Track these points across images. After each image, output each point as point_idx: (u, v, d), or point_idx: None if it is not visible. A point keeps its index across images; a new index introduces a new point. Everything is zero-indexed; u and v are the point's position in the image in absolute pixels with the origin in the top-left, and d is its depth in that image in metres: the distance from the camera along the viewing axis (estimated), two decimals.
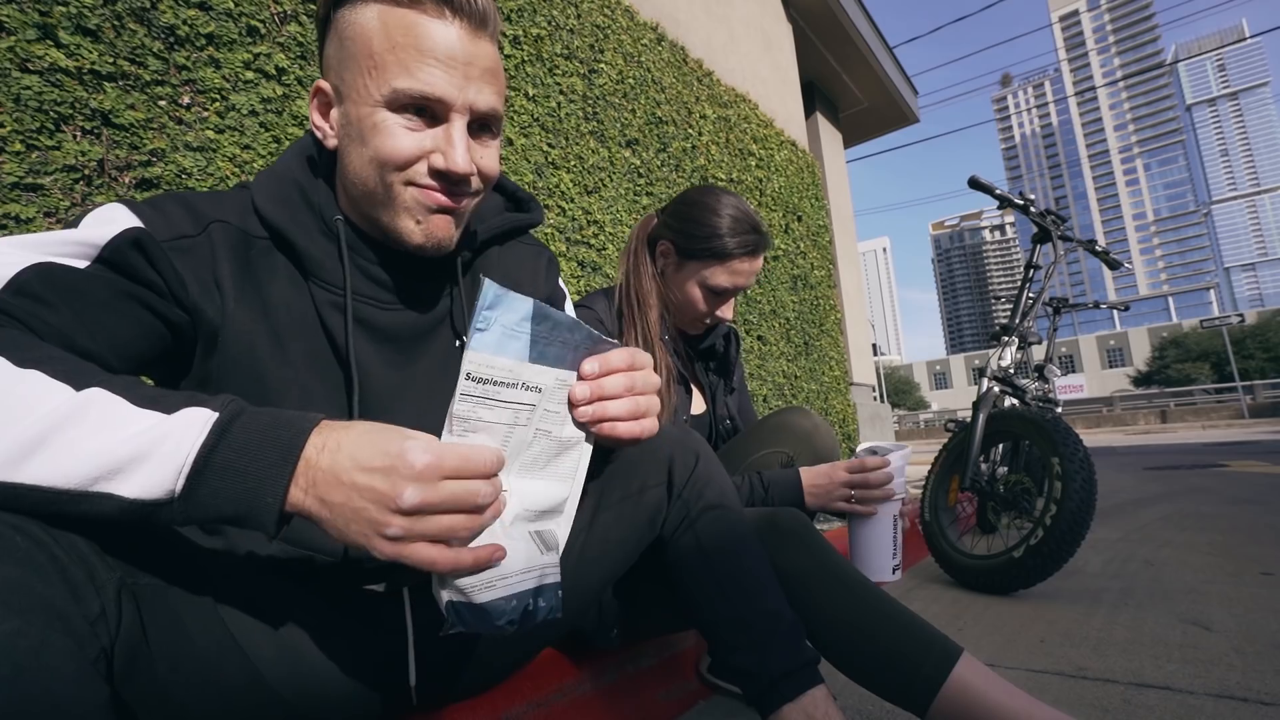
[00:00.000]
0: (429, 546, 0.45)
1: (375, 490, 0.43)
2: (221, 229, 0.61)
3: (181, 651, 0.50)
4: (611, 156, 2.65)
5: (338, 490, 0.44)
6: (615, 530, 0.77)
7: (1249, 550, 2.02)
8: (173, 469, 0.41)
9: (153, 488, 0.41)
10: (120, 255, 0.53)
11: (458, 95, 0.59)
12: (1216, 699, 0.98)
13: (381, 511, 0.43)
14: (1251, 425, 15.62)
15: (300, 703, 0.60)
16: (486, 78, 0.61)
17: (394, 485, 0.43)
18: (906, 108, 7.07)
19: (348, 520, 0.44)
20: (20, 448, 0.39)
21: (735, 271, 1.19)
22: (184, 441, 0.42)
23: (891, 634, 0.79)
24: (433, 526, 0.44)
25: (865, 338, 6.27)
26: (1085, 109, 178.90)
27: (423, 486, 0.43)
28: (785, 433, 1.25)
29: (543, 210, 0.82)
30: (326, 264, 0.64)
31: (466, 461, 0.45)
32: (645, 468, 0.79)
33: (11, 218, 1.12)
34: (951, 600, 1.68)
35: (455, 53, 0.59)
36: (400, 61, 0.58)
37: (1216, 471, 4.76)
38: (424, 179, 0.61)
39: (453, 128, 0.60)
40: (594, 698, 0.94)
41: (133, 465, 0.41)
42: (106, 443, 0.40)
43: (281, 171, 0.66)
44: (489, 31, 0.62)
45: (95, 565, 0.42)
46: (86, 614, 0.40)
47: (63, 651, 0.37)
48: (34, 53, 1.15)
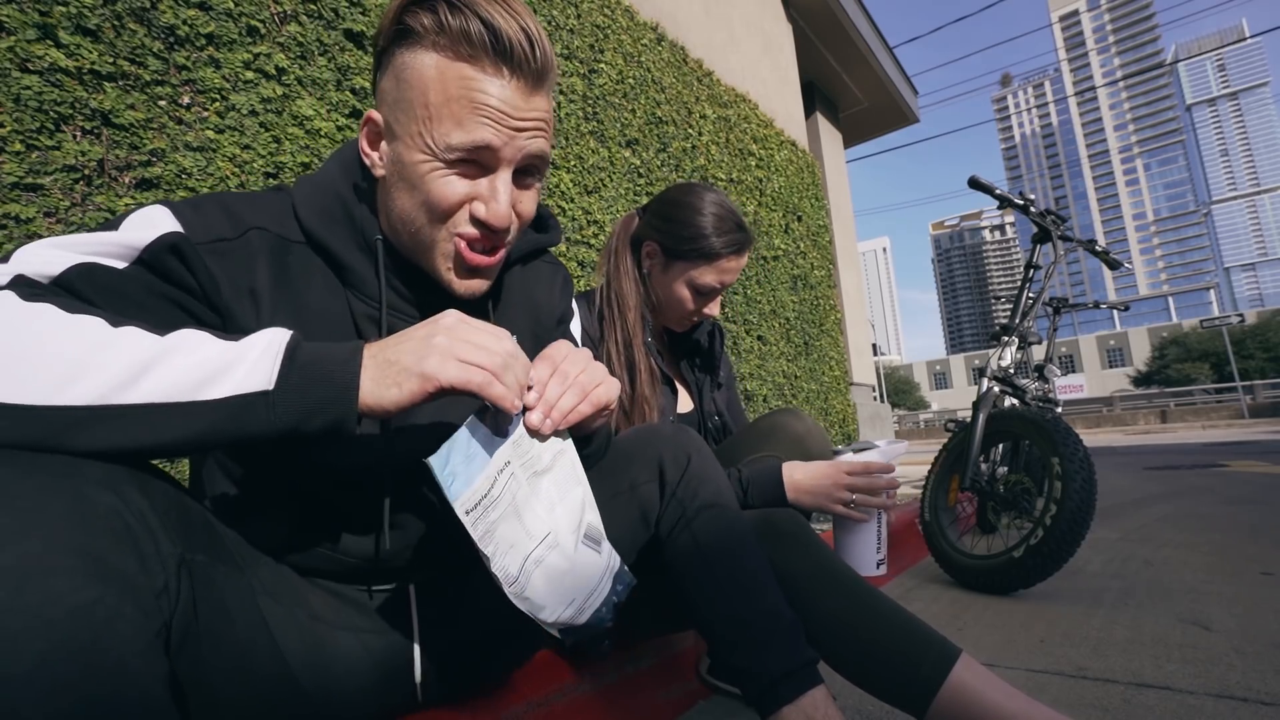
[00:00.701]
0: (459, 367, 0.52)
1: (418, 334, 0.53)
2: (259, 236, 0.62)
3: (223, 633, 0.51)
4: (611, 156, 2.65)
5: (392, 350, 0.52)
6: (608, 528, 0.77)
7: (1249, 550, 2.02)
8: (268, 362, 0.47)
9: (250, 381, 0.46)
10: (158, 259, 0.54)
11: (506, 147, 0.61)
12: (1216, 699, 0.98)
13: (428, 342, 0.52)
14: (1251, 425, 15.62)
15: (319, 696, 0.61)
16: (537, 128, 0.62)
17: (432, 327, 0.54)
18: (906, 108, 7.07)
19: (399, 355, 0.51)
20: (131, 372, 0.43)
21: (723, 270, 1.20)
22: (273, 343, 0.48)
23: (889, 635, 0.79)
24: (465, 345, 0.53)
25: (865, 338, 6.27)
26: (1085, 109, 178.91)
27: (454, 321, 0.55)
28: (777, 436, 1.24)
29: (561, 228, 0.84)
30: (365, 277, 0.65)
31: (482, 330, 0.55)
32: (634, 466, 0.80)
33: (11, 218, 1.12)
34: (951, 600, 1.68)
35: (508, 110, 0.59)
36: (454, 115, 0.58)
37: (1216, 471, 4.76)
38: (464, 226, 0.63)
39: (498, 178, 0.62)
40: (594, 698, 0.94)
41: (231, 367, 0.46)
42: (207, 355, 0.46)
43: (325, 183, 0.67)
44: (545, 87, 0.62)
45: (160, 538, 0.43)
46: (154, 587, 0.41)
47: (133, 623, 0.38)
48: (34, 53, 1.15)
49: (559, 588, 0.60)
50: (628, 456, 0.81)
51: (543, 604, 0.58)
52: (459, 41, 0.58)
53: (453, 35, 0.58)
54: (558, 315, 0.84)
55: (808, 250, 4.33)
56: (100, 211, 1.22)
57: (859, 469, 1.07)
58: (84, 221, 1.20)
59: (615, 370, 1.18)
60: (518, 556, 0.57)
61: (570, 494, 0.64)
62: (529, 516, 0.60)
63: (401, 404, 0.50)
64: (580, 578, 0.62)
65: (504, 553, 0.56)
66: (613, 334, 1.19)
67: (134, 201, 1.27)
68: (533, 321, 0.80)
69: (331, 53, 1.64)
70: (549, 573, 0.60)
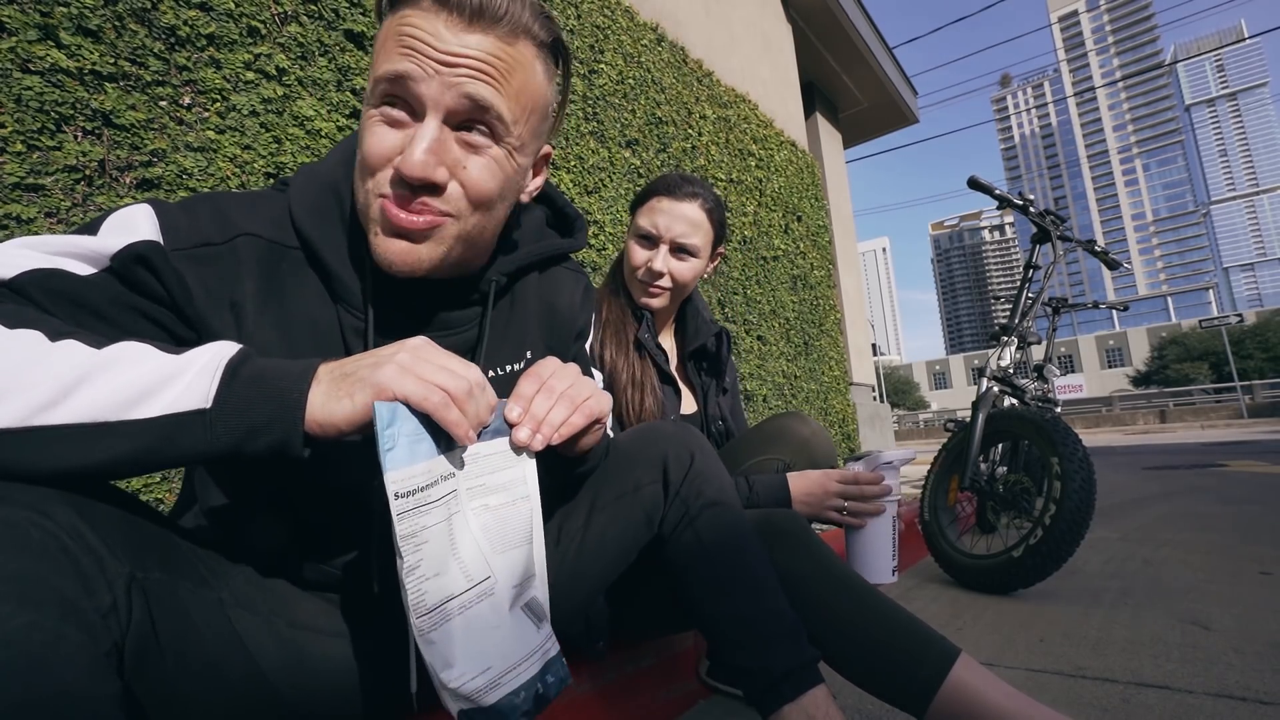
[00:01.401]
0: (417, 381, 0.49)
1: (381, 352, 0.50)
2: (249, 243, 0.59)
3: (189, 648, 0.50)
4: (611, 157, 2.65)
5: (348, 366, 0.49)
6: (611, 530, 0.77)
7: (1248, 550, 2.02)
8: (206, 378, 0.44)
9: (185, 399, 0.43)
10: (125, 268, 0.52)
11: (427, 83, 0.55)
12: (1215, 698, 0.98)
13: (389, 358, 0.49)
14: (1250, 425, 15.63)
15: (303, 704, 0.60)
16: (473, 68, 0.55)
17: (395, 348, 0.51)
18: (906, 108, 7.07)
19: (357, 368, 0.49)
20: (58, 390, 0.41)
21: (654, 209, 1.23)
22: (215, 358, 0.46)
23: (889, 635, 0.79)
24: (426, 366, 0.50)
25: (865, 338, 6.27)
26: (1084, 109, 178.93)
27: (418, 344, 0.52)
28: (782, 439, 1.24)
29: (587, 230, 0.80)
30: (352, 289, 0.62)
31: (449, 356, 0.52)
32: (639, 466, 0.78)
33: (13, 218, 1.12)
34: (951, 600, 1.68)
35: (432, 41, 0.54)
36: (386, 53, 0.56)
37: (1215, 471, 4.76)
38: (384, 186, 0.57)
39: (424, 126, 0.56)
40: (594, 698, 0.94)
41: (167, 383, 0.43)
42: (141, 371, 0.43)
43: (323, 175, 0.65)
44: (486, 27, 0.56)
45: (105, 558, 0.42)
46: (99, 607, 0.40)
47: (76, 645, 0.37)
48: (35, 53, 1.15)
49: (478, 646, 0.50)
50: (631, 457, 0.79)
51: (451, 660, 0.48)
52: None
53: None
54: (577, 329, 0.81)
55: (807, 250, 4.33)
56: (101, 212, 1.22)
57: (849, 479, 1.08)
58: (85, 222, 1.20)
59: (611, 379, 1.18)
60: (440, 588, 0.49)
61: (520, 550, 0.57)
62: (466, 549, 0.52)
63: (354, 419, 0.47)
64: (507, 643, 0.52)
65: (426, 573, 0.48)
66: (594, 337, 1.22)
67: (135, 202, 1.27)
68: (548, 332, 0.77)
69: (332, 53, 1.64)
70: (472, 623, 0.50)
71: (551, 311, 0.78)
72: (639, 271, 1.23)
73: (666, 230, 1.21)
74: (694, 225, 1.22)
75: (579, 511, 0.78)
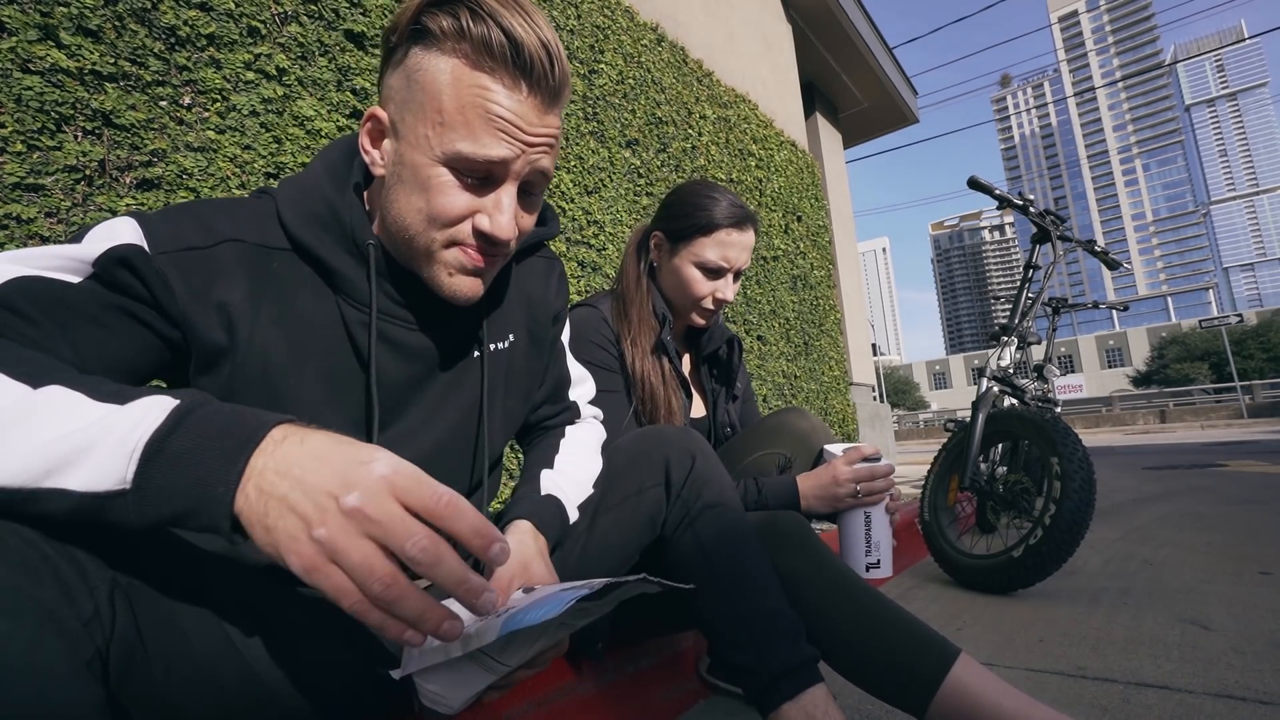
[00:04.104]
0: (342, 575, 0.39)
1: (322, 487, 0.39)
2: (233, 248, 0.59)
3: (178, 653, 0.49)
4: (611, 157, 2.65)
5: (282, 482, 0.40)
6: (615, 533, 0.79)
7: (1248, 550, 2.02)
8: (122, 456, 0.38)
9: (102, 478, 0.38)
10: (107, 271, 0.53)
11: (516, 162, 0.60)
12: (1215, 698, 0.98)
13: (319, 510, 0.39)
14: (1250, 425, 15.63)
15: (298, 707, 0.59)
16: (548, 144, 0.62)
17: (344, 484, 0.39)
18: (906, 108, 7.07)
19: (281, 514, 0.39)
20: None
21: (723, 243, 1.22)
22: (137, 429, 0.39)
23: (889, 635, 0.79)
24: (355, 550, 0.38)
25: (865, 338, 6.27)
26: (1084, 109, 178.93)
27: (371, 494, 0.39)
28: (783, 434, 1.24)
29: (558, 220, 0.83)
30: (355, 282, 0.64)
31: (418, 482, 0.41)
32: (642, 470, 0.80)
33: (13, 218, 1.12)
34: (951, 600, 1.68)
35: (522, 125, 0.59)
36: (467, 124, 0.57)
37: (1215, 471, 4.76)
38: (466, 238, 0.61)
39: (504, 192, 0.61)
40: (594, 698, 0.94)
41: (82, 456, 0.38)
42: (56, 435, 0.38)
43: (310, 186, 0.65)
44: (559, 105, 0.62)
45: (87, 565, 0.41)
46: (79, 614, 0.39)
47: (55, 653, 0.36)
48: (35, 53, 1.15)
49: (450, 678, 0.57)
50: (633, 460, 0.81)
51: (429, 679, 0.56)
52: (479, 50, 0.56)
53: (473, 43, 0.56)
54: (553, 312, 0.84)
55: (807, 250, 4.33)
56: (101, 212, 1.22)
57: (854, 459, 1.09)
58: (85, 222, 1.20)
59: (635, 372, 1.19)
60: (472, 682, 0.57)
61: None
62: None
63: (272, 555, 0.40)
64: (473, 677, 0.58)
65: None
66: (625, 330, 1.22)
67: (135, 202, 1.27)
68: (528, 318, 0.80)
69: (332, 53, 1.64)
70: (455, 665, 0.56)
71: (529, 298, 0.80)
72: (704, 300, 1.25)
73: (735, 261, 1.24)
74: (752, 250, 1.28)
75: (584, 514, 0.80)
